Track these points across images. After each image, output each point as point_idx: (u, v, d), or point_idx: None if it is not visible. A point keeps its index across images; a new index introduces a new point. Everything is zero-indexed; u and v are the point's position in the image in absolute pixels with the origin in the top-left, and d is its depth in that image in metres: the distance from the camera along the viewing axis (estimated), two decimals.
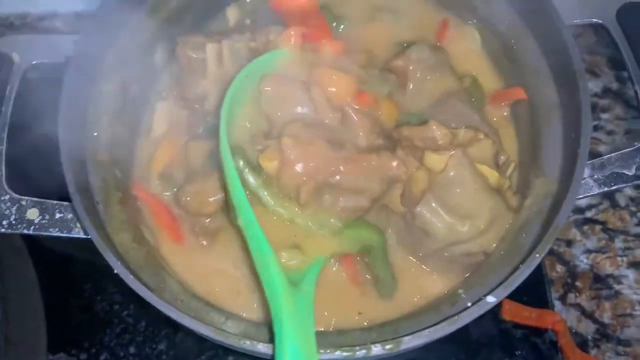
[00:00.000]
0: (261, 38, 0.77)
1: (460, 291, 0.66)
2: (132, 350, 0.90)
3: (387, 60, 0.80)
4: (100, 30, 0.74)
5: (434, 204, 0.68)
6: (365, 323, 0.69)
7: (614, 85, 1.14)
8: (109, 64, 0.77)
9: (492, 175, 0.70)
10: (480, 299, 0.59)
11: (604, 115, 1.13)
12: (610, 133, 1.11)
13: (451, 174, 0.67)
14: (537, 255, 0.60)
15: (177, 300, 0.65)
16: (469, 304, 0.61)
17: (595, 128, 1.11)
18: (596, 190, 0.68)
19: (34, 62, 0.77)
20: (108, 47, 0.76)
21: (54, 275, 0.93)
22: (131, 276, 0.60)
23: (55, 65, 0.77)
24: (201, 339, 0.88)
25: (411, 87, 0.78)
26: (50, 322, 0.90)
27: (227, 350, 0.87)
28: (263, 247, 0.60)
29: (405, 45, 0.81)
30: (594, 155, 1.06)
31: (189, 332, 0.89)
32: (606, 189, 0.68)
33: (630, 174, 0.68)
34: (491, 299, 0.59)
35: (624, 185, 0.68)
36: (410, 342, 0.58)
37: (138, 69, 0.80)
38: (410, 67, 0.77)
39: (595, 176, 0.69)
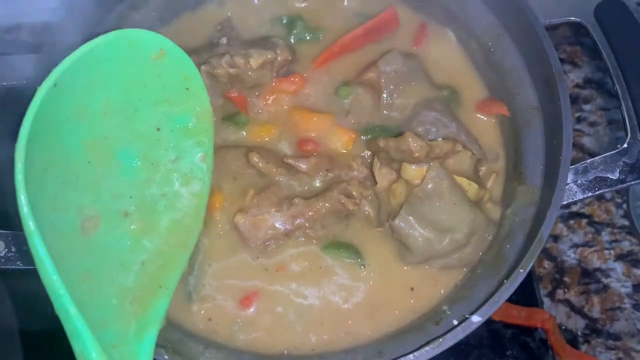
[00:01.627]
0: (240, 60, 0.74)
1: (444, 307, 0.65)
2: None
3: (359, 73, 0.78)
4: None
5: (411, 218, 0.66)
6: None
7: (595, 76, 1.13)
8: None
9: (472, 187, 0.68)
10: (465, 318, 0.58)
11: (586, 107, 1.12)
12: (592, 124, 1.10)
13: (429, 186, 0.66)
14: (522, 270, 0.59)
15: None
16: (455, 322, 0.59)
17: (578, 120, 1.10)
18: (580, 196, 0.67)
19: None
20: None
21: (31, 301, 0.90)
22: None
23: (14, 87, 0.74)
24: None
25: (385, 98, 0.76)
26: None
27: None
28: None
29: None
30: (577, 147, 1.07)
31: None
32: (590, 194, 0.67)
33: (614, 177, 0.67)
34: (476, 319, 0.58)
35: (608, 189, 0.67)
36: None
37: None
38: (382, 80, 0.76)
39: (579, 181, 0.68)
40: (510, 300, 0.89)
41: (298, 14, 0.84)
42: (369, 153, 0.74)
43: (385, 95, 0.75)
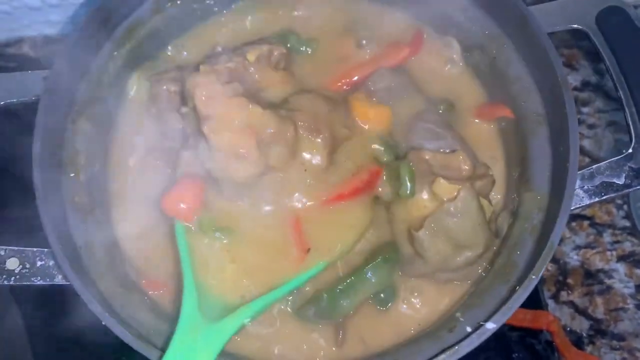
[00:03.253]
0: (237, 58, 0.74)
1: (457, 314, 0.65)
2: None
3: (349, 93, 0.79)
4: (70, 66, 0.72)
5: (436, 231, 0.68)
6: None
7: (593, 78, 1.14)
8: (81, 100, 0.74)
9: (489, 209, 0.70)
10: (480, 326, 0.59)
11: (585, 109, 1.13)
12: (592, 127, 1.11)
13: (459, 204, 0.66)
14: (534, 277, 0.60)
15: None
16: (468, 329, 0.60)
17: (578, 122, 1.12)
18: (587, 201, 0.68)
19: (1, 103, 0.74)
20: (78, 83, 0.74)
21: (39, 312, 0.90)
22: (120, 327, 0.58)
23: (25, 104, 0.74)
24: None
25: None
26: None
27: None
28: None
29: None
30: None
31: None
32: (597, 199, 0.68)
33: (620, 182, 0.68)
34: (491, 326, 0.59)
35: (614, 194, 0.68)
36: None
37: (111, 104, 0.77)
38: (374, 99, 0.77)
39: (585, 187, 0.69)
40: None
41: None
42: None
43: None
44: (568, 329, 0.97)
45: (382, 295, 0.72)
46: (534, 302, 0.93)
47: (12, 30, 1.11)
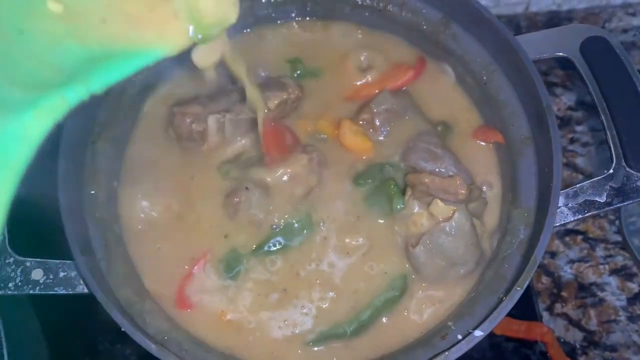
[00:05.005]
0: None
1: (449, 323, 0.70)
2: None
3: (355, 114, 0.84)
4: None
5: (430, 247, 0.72)
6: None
7: (587, 98, 1.16)
8: (100, 122, 0.79)
9: (481, 229, 0.75)
10: (469, 333, 0.63)
11: (579, 128, 1.16)
12: (585, 145, 1.14)
13: (453, 223, 0.71)
14: (518, 288, 0.64)
15: (182, 350, 0.67)
16: (459, 336, 0.64)
17: (571, 140, 1.15)
18: (571, 218, 0.72)
19: None
20: (98, 107, 0.79)
21: (56, 319, 0.94)
22: (139, 334, 0.62)
23: None
24: None
25: (381, 136, 0.82)
26: None
27: None
28: None
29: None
30: (571, 167, 1.12)
31: None
32: (580, 216, 0.72)
33: (602, 200, 0.72)
34: (479, 333, 0.63)
35: (596, 212, 0.72)
36: None
37: (128, 125, 0.83)
38: (377, 122, 0.81)
39: (570, 204, 0.73)
40: (510, 314, 0.91)
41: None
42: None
43: (380, 133, 0.82)
44: (562, 340, 0.99)
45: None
46: (529, 314, 0.96)
47: None
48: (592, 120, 1.16)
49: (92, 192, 0.76)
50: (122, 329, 0.64)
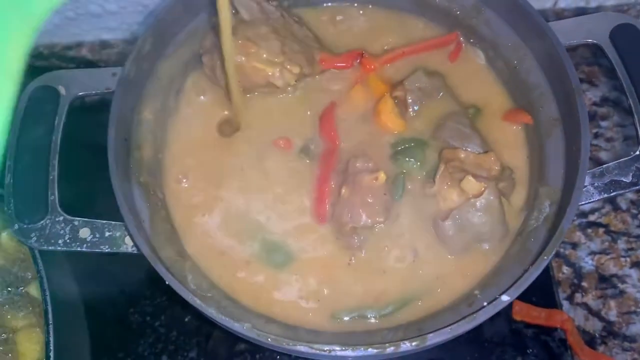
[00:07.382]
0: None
1: (476, 292, 0.72)
2: (164, 358, 0.94)
3: (389, 90, 0.86)
4: (138, 67, 0.81)
5: (459, 222, 0.75)
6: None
7: (612, 95, 1.18)
8: (147, 93, 0.84)
9: (508, 208, 0.78)
10: (495, 299, 0.65)
11: (603, 123, 1.17)
12: (609, 140, 1.15)
13: (483, 201, 0.74)
14: (545, 257, 0.66)
15: (220, 307, 0.71)
16: (485, 304, 0.67)
17: (595, 135, 1.16)
18: (597, 197, 0.74)
19: (78, 94, 0.82)
20: (148, 75, 0.84)
21: (92, 289, 0.97)
22: (182, 287, 0.66)
23: (97, 95, 0.83)
24: (231, 346, 0.94)
25: (411, 113, 0.85)
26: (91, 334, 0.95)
27: (255, 355, 0.93)
28: None
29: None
30: (594, 161, 1.13)
31: (219, 339, 0.95)
32: (605, 195, 0.74)
33: (627, 181, 0.74)
34: (505, 298, 0.65)
35: (622, 191, 0.74)
36: (434, 338, 0.64)
37: (171, 98, 0.87)
38: (409, 98, 0.84)
39: (596, 184, 0.75)
40: (531, 302, 0.96)
41: None
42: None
43: (411, 110, 0.84)
44: (581, 329, 0.99)
45: None
46: (549, 302, 0.97)
47: (74, 35, 1.18)
48: (617, 116, 1.17)
49: (138, 158, 0.80)
50: (167, 283, 0.67)
